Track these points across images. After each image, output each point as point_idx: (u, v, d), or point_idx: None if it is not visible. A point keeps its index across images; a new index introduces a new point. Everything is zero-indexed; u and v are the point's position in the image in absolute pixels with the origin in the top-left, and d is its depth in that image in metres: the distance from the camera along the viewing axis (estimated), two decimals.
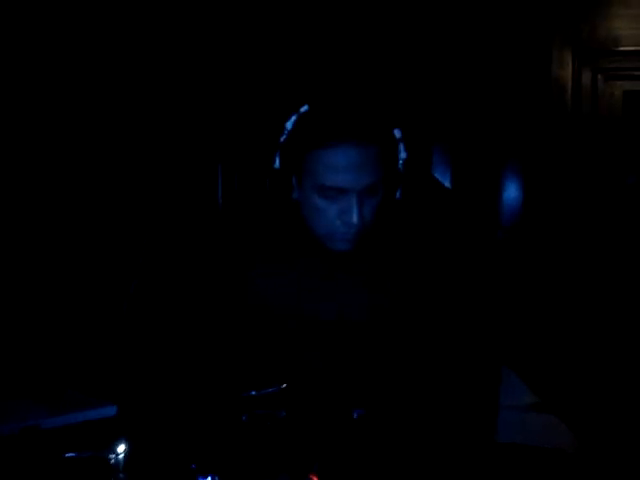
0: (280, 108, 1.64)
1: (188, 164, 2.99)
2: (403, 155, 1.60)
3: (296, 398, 1.57)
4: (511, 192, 2.99)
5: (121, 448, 1.31)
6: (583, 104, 2.97)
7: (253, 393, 1.52)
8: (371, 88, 2.85)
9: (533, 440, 1.63)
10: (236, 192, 1.85)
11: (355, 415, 1.57)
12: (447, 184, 2.94)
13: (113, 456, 1.30)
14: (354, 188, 1.53)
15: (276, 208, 1.71)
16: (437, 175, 2.89)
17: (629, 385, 2.76)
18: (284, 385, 1.53)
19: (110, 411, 1.62)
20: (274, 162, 1.63)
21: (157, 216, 2.93)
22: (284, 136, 1.60)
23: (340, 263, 1.66)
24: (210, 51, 2.96)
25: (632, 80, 2.98)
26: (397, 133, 1.60)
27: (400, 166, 1.60)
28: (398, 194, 1.63)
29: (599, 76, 2.97)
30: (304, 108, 1.59)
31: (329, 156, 1.52)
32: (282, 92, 2.90)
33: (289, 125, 1.59)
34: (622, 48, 2.94)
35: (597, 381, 2.75)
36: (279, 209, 1.70)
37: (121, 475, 1.30)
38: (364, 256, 1.66)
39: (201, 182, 2.98)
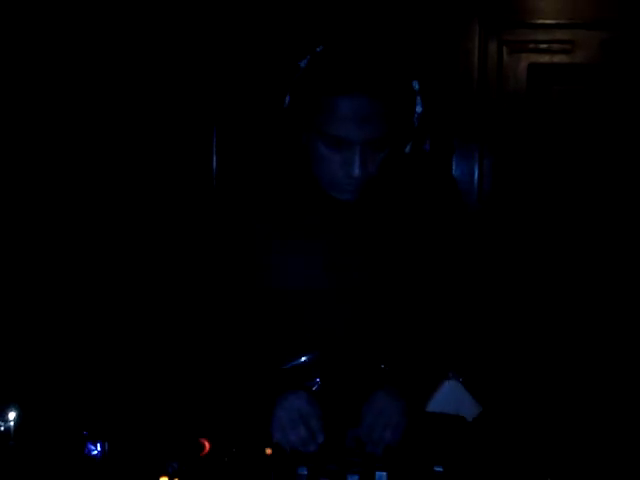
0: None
1: (182, 127, 2.87)
2: (419, 109, 1.51)
3: (327, 365, 1.53)
4: None
5: (12, 415, 1.24)
6: (489, 76, 3.00)
7: (288, 366, 1.49)
8: (392, 34, 2.62)
9: (437, 407, 1.65)
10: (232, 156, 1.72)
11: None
12: None
13: (2, 423, 1.24)
14: (357, 140, 1.43)
15: (283, 153, 1.61)
16: None
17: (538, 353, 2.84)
18: (315, 354, 1.49)
19: None
20: (284, 101, 1.53)
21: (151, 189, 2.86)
22: (297, 74, 1.49)
23: (344, 217, 1.58)
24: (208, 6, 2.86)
25: (537, 53, 3.01)
26: (415, 85, 1.51)
27: (415, 120, 1.52)
28: (408, 148, 1.55)
29: (504, 48, 3.00)
30: (319, 48, 1.49)
31: (336, 104, 1.42)
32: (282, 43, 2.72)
33: (302, 64, 1.49)
34: (528, 21, 2.98)
35: (504, 350, 2.81)
36: (286, 154, 1.60)
37: (11, 442, 1.24)
38: (368, 208, 1.58)
39: (195, 146, 2.86)
